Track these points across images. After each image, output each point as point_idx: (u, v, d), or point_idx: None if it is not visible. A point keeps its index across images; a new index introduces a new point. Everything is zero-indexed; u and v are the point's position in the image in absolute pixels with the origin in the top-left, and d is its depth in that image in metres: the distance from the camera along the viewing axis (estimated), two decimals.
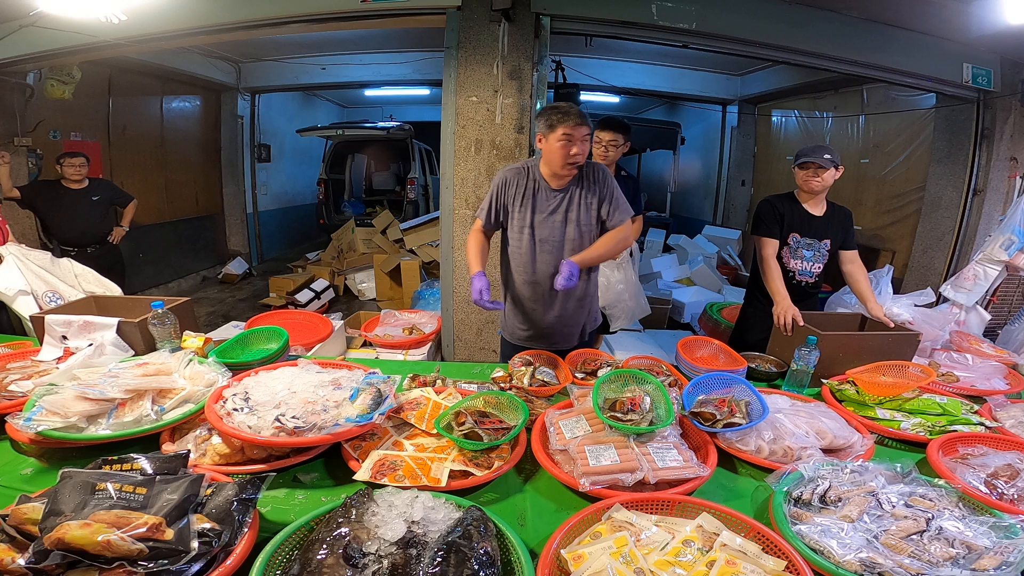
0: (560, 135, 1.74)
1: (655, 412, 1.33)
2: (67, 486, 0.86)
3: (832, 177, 2.22)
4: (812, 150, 2.23)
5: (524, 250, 1.92)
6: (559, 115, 1.74)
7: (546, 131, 1.77)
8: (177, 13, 3.15)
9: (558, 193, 1.89)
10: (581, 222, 1.90)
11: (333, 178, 7.85)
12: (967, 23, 3.00)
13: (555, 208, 1.89)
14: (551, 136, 1.76)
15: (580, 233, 1.91)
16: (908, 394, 1.57)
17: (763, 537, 0.93)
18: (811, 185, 2.23)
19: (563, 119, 1.73)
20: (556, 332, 2.03)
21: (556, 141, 1.75)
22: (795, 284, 2.31)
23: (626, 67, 6.03)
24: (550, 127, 1.75)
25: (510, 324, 2.09)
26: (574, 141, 1.74)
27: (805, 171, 2.23)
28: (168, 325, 1.68)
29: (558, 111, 1.76)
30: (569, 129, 1.73)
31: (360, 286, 5.97)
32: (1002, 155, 3.73)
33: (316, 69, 6.36)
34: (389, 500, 0.94)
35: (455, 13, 2.93)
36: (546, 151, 1.81)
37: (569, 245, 1.91)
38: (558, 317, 2.00)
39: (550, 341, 2.02)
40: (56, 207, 3.66)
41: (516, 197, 1.90)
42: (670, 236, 6.80)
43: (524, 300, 2.00)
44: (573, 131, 1.73)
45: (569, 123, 1.73)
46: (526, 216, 1.89)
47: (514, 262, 1.97)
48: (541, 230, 1.89)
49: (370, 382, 1.34)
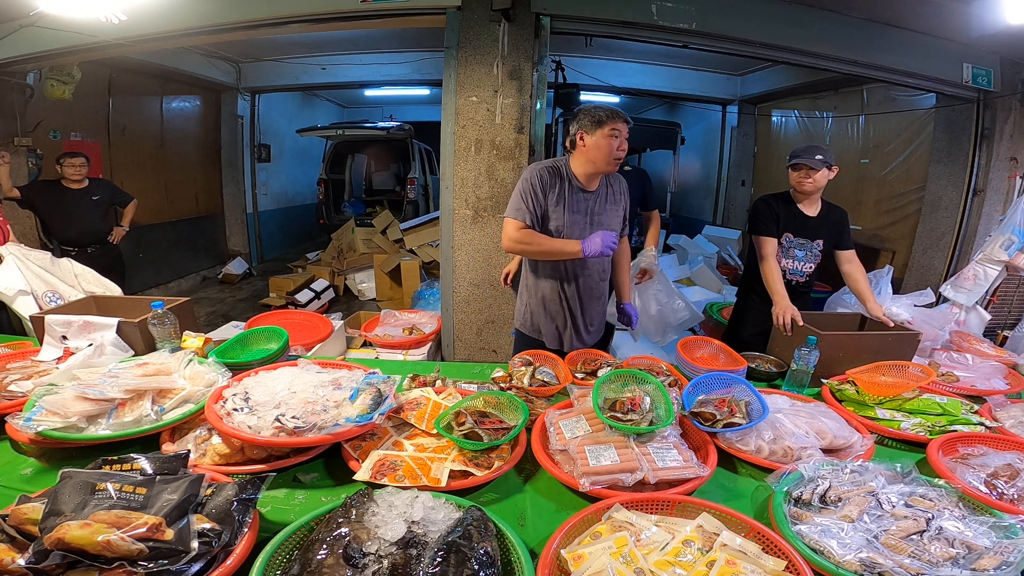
0: (608, 131, 1.77)
1: (655, 412, 1.33)
2: (67, 486, 0.86)
3: (825, 178, 2.21)
4: (804, 151, 2.22)
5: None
6: (606, 112, 1.79)
7: (592, 127, 1.79)
8: (177, 13, 3.15)
9: (589, 195, 1.90)
10: (605, 226, 1.92)
11: (333, 178, 7.85)
12: (967, 23, 3.00)
13: (586, 210, 1.90)
14: (598, 132, 1.78)
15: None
16: (908, 394, 1.57)
17: (763, 537, 0.93)
18: (804, 186, 2.23)
19: (612, 116, 1.78)
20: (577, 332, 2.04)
21: (603, 137, 1.78)
22: (786, 283, 2.31)
23: (626, 67, 6.04)
24: (598, 123, 1.78)
25: (528, 319, 2.09)
26: (620, 137, 1.78)
27: (797, 172, 2.23)
28: (168, 325, 1.68)
29: (604, 109, 1.80)
30: (617, 125, 1.77)
31: (360, 286, 5.97)
32: (1002, 155, 3.73)
33: (316, 69, 6.36)
34: (389, 500, 0.94)
35: (455, 13, 2.93)
36: (591, 147, 1.81)
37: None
38: (581, 315, 2.01)
39: (570, 342, 2.04)
40: (56, 207, 3.66)
41: (552, 196, 1.88)
42: (670, 236, 6.80)
43: (548, 299, 2.00)
44: (620, 127, 1.78)
45: (618, 120, 1.78)
46: (562, 216, 1.87)
47: (544, 262, 1.97)
48: (572, 231, 1.89)
49: (370, 382, 1.34)
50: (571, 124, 1.86)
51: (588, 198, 1.90)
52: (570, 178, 1.89)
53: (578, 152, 1.86)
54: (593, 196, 1.91)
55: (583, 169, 1.87)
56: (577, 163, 1.88)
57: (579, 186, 1.89)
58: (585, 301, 2.00)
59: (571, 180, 1.89)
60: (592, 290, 2.01)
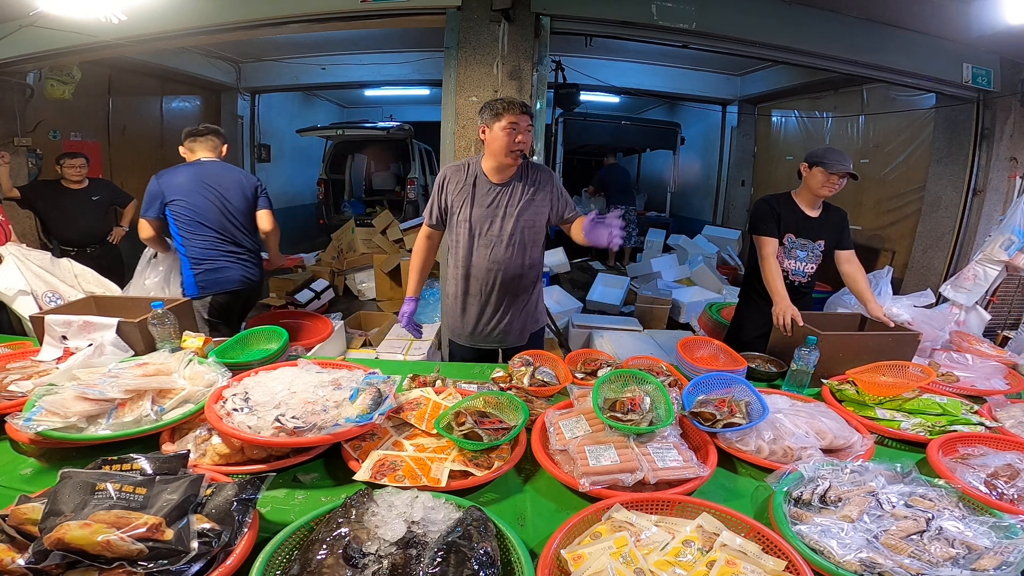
0: (506, 124, 1.79)
1: (655, 412, 1.32)
2: (67, 486, 0.86)
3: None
4: (843, 157, 2.14)
5: (462, 243, 1.95)
6: (504, 104, 1.81)
7: (491, 120, 1.81)
8: (177, 13, 3.15)
9: (498, 187, 1.91)
10: (522, 217, 1.92)
11: (333, 178, 7.84)
12: (967, 23, 3.00)
13: (494, 202, 1.91)
14: (496, 125, 1.80)
15: (519, 228, 1.92)
16: (908, 394, 1.57)
17: (763, 537, 0.93)
18: (826, 192, 2.18)
19: (508, 108, 1.80)
20: (493, 329, 2.03)
21: (501, 129, 1.79)
22: (788, 284, 2.30)
23: (626, 67, 6.04)
24: (496, 115, 1.80)
25: (450, 322, 2.11)
26: (519, 130, 1.80)
27: (828, 177, 2.14)
28: (168, 325, 1.68)
29: (502, 101, 1.82)
30: (514, 118, 1.79)
31: (360, 286, 5.97)
32: (1002, 155, 3.73)
33: (316, 69, 6.36)
34: (389, 500, 0.94)
35: (455, 13, 2.94)
36: (490, 140, 1.84)
37: (507, 240, 1.91)
38: (493, 312, 2.01)
39: (488, 339, 2.05)
40: (55, 207, 3.66)
41: (456, 192, 1.92)
42: (670, 236, 6.81)
43: (460, 295, 2.02)
44: (518, 119, 1.79)
45: (514, 112, 1.80)
46: (466, 210, 1.91)
47: (452, 256, 2.00)
48: (479, 224, 1.91)
49: (370, 382, 1.34)
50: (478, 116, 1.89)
51: (497, 190, 1.91)
52: (477, 173, 1.92)
53: (485, 146, 1.88)
54: (504, 188, 1.91)
55: (489, 163, 1.90)
56: (485, 158, 1.92)
57: (486, 180, 1.91)
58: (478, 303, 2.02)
59: (478, 175, 1.91)
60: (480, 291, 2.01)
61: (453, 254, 1.99)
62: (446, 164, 1.98)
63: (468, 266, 1.96)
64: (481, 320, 2.02)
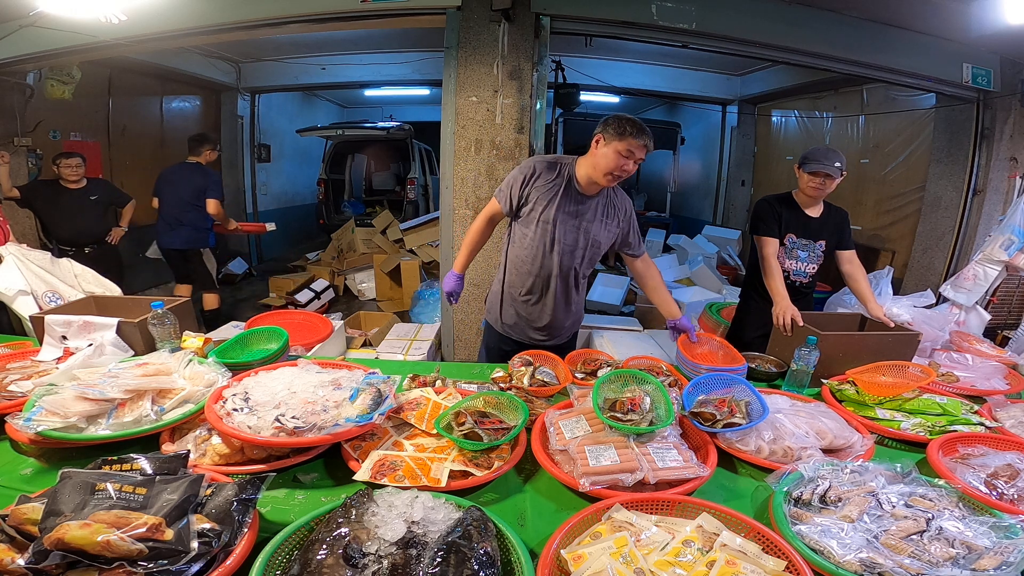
0: (624, 147, 1.70)
1: (655, 412, 1.33)
2: (67, 486, 0.86)
3: (836, 184, 2.20)
4: (824, 156, 2.16)
5: (535, 243, 1.91)
6: (634, 128, 1.70)
7: (612, 137, 1.71)
8: (177, 13, 3.15)
9: (585, 199, 1.89)
10: (592, 234, 1.91)
11: (333, 178, 7.85)
12: (967, 23, 3.00)
13: (577, 212, 1.88)
14: (613, 143, 1.71)
15: (588, 243, 1.92)
16: (908, 394, 1.57)
17: (763, 537, 0.93)
18: (816, 192, 2.20)
19: (636, 134, 1.70)
20: (542, 327, 2.05)
21: (615, 150, 1.71)
22: (790, 284, 2.31)
23: (626, 67, 6.03)
24: (619, 135, 1.70)
25: (495, 311, 2.10)
26: (632, 159, 1.73)
27: (814, 178, 2.18)
28: (168, 325, 1.68)
29: (635, 124, 1.71)
30: (635, 147, 1.70)
31: (360, 286, 5.97)
32: (1002, 155, 3.73)
33: (316, 69, 6.35)
34: (389, 500, 0.94)
35: (455, 13, 2.93)
36: (599, 153, 1.75)
37: (579, 252, 1.92)
38: (549, 313, 2.02)
39: (532, 334, 2.06)
40: (54, 207, 3.65)
41: (545, 189, 1.87)
42: (670, 236, 6.80)
43: (517, 290, 2.01)
44: (636, 150, 1.71)
45: (639, 141, 1.71)
46: (549, 211, 1.86)
47: (520, 252, 1.96)
48: (558, 229, 1.88)
49: (370, 382, 1.34)
50: (598, 124, 1.79)
51: (583, 201, 1.88)
52: (570, 177, 1.87)
53: (588, 154, 1.82)
54: (589, 203, 1.89)
55: (584, 172, 1.84)
56: (582, 165, 1.86)
57: (577, 188, 1.87)
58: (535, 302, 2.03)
59: (571, 179, 1.87)
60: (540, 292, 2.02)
61: (523, 251, 1.95)
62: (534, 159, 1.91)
63: (539, 267, 1.94)
64: (533, 316, 2.03)
